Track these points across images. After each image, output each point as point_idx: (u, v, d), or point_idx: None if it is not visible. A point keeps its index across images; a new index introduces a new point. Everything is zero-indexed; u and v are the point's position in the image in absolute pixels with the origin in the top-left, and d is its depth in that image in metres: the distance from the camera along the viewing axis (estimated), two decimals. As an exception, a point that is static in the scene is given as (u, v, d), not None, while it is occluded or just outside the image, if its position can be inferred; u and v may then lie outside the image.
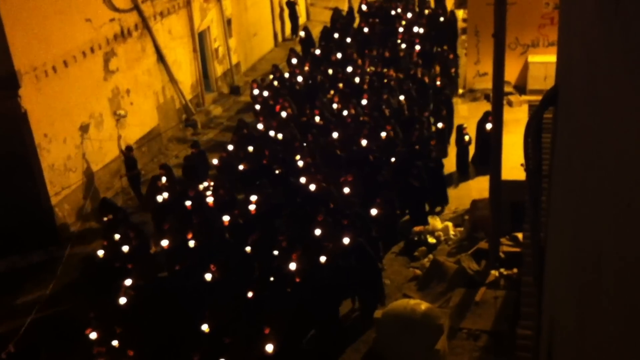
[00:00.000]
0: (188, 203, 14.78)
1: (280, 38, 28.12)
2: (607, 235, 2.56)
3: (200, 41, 22.29)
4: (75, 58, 16.53)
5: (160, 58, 20.15)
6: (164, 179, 15.96)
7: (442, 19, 22.84)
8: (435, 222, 15.10)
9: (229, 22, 23.89)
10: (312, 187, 14.59)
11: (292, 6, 27.77)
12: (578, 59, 3.70)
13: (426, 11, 24.61)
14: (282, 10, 27.94)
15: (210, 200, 14.84)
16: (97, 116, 17.51)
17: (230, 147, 17.34)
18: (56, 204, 16.05)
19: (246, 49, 25.55)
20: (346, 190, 14.47)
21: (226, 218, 14.00)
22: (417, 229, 15.07)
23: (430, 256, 14.22)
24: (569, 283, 3.77)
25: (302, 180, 14.90)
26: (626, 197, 2.21)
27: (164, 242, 13.51)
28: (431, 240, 14.72)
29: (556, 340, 4.44)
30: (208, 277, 12.48)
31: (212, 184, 15.70)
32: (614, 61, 2.49)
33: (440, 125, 17.32)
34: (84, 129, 17.02)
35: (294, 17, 27.95)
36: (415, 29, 22.33)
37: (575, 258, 3.53)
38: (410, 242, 14.85)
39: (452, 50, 21.47)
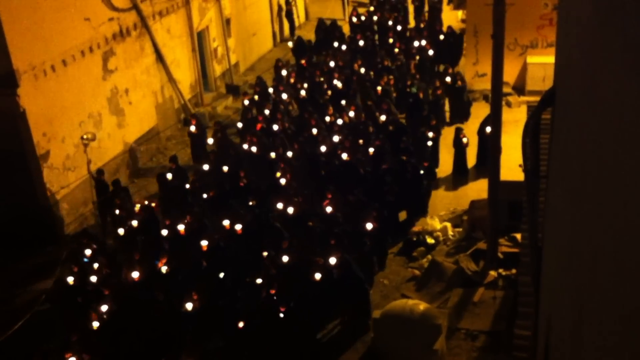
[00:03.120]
0: (164, 232, 14.18)
1: (279, 38, 28.10)
2: (603, 235, 2.57)
3: (199, 41, 22.29)
4: (74, 57, 16.53)
5: (159, 57, 20.15)
6: (117, 211, 15.24)
7: (442, 37, 22.28)
8: (434, 223, 15.11)
9: (227, 21, 23.89)
10: (290, 210, 14.14)
11: (289, 7, 27.57)
12: (576, 60, 3.70)
13: (421, 24, 24.40)
14: (280, 9, 27.88)
15: (181, 227, 14.10)
16: (96, 115, 17.51)
17: (206, 167, 16.57)
18: (54, 204, 16.04)
19: (245, 48, 25.55)
20: (329, 207, 14.07)
21: (204, 243, 13.32)
22: (415, 229, 15.08)
23: (429, 256, 14.24)
24: (565, 283, 3.78)
25: (280, 204, 14.38)
26: (622, 197, 2.22)
27: (135, 274, 12.77)
28: (430, 240, 14.73)
29: (553, 340, 4.45)
30: (189, 306, 11.87)
31: (147, 203, 15.15)
32: (611, 62, 2.50)
33: (430, 134, 17.21)
34: (83, 128, 17.01)
35: (290, 17, 27.78)
36: (416, 43, 21.91)
37: (571, 258, 3.53)
38: (409, 243, 14.86)
39: (454, 67, 21.05)
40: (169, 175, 16.42)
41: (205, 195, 15.35)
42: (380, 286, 13.79)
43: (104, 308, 12.05)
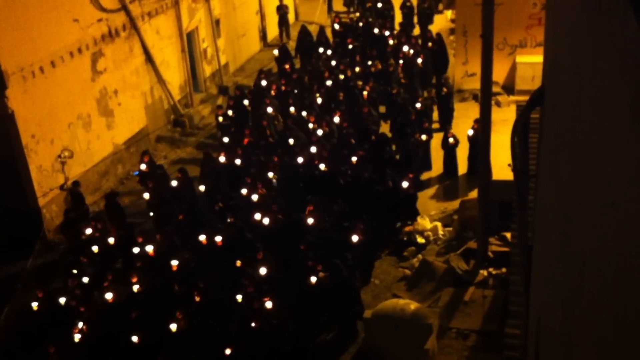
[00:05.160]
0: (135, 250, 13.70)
1: (269, 38, 27.90)
2: (591, 234, 2.58)
3: (188, 41, 22.22)
4: (62, 58, 16.45)
5: (149, 58, 20.09)
6: (88, 231, 14.54)
7: (430, 44, 21.81)
8: (425, 222, 15.13)
9: (217, 22, 23.83)
10: (266, 221, 13.91)
11: (282, 12, 26.93)
12: (563, 59, 3.72)
13: (411, 31, 24.02)
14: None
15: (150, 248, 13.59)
16: (85, 117, 17.43)
17: (174, 183, 15.92)
18: (44, 206, 15.96)
19: (235, 49, 25.51)
20: (310, 218, 13.79)
21: (174, 262, 12.86)
22: (406, 229, 15.09)
23: (420, 256, 14.25)
24: (555, 282, 3.79)
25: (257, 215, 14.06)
26: (610, 196, 2.22)
27: (108, 295, 12.34)
28: (420, 240, 14.75)
29: (543, 339, 4.46)
30: (173, 327, 11.42)
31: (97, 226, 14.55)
32: (598, 61, 2.51)
33: (424, 137, 17.00)
34: (72, 129, 16.94)
35: (284, 23, 27.11)
36: (405, 48, 21.60)
37: (561, 257, 3.54)
38: (400, 242, 14.87)
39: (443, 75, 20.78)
40: (146, 195, 15.71)
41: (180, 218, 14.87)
42: (372, 286, 13.79)
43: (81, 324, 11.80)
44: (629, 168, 1.96)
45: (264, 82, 20.54)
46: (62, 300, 12.54)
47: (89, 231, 14.66)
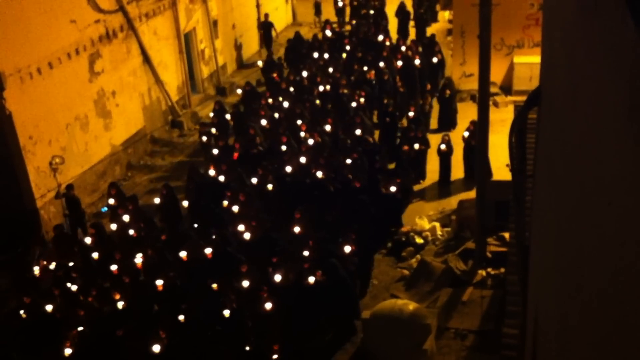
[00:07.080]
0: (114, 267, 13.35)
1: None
2: (588, 234, 2.58)
3: (186, 42, 22.23)
4: (60, 60, 16.45)
5: (146, 59, 20.08)
6: (88, 240, 14.22)
7: (435, 60, 21.24)
8: (423, 223, 15.14)
9: (215, 23, 23.84)
10: (247, 235, 13.74)
11: (267, 28, 26.18)
12: (560, 59, 3.72)
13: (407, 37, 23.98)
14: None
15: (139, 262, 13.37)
16: (83, 118, 17.43)
17: (157, 200, 15.57)
18: (42, 207, 15.95)
19: (232, 50, 25.50)
20: (297, 228, 13.62)
21: (159, 282, 12.49)
22: (404, 229, 15.11)
23: (418, 256, 14.27)
24: (552, 282, 3.80)
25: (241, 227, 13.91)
26: (607, 196, 2.23)
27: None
28: (418, 240, 14.76)
29: (540, 339, 4.47)
30: (156, 348, 11.11)
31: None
32: (595, 62, 2.52)
33: (416, 146, 16.87)
34: (70, 130, 16.93)
35: (268, 38, 26.35)
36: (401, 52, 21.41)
37: (558, 257, 3.55)
38: (398, 243, 14.88)
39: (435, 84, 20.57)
40: (126, 217, 14.69)
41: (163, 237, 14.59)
42: (370, 286, 13.80)
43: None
44: (626, 168, 1.96)
45: (246, 92, 20.27)
46: (49, 307, 12.38)
47: (37, 269, 14.14)
